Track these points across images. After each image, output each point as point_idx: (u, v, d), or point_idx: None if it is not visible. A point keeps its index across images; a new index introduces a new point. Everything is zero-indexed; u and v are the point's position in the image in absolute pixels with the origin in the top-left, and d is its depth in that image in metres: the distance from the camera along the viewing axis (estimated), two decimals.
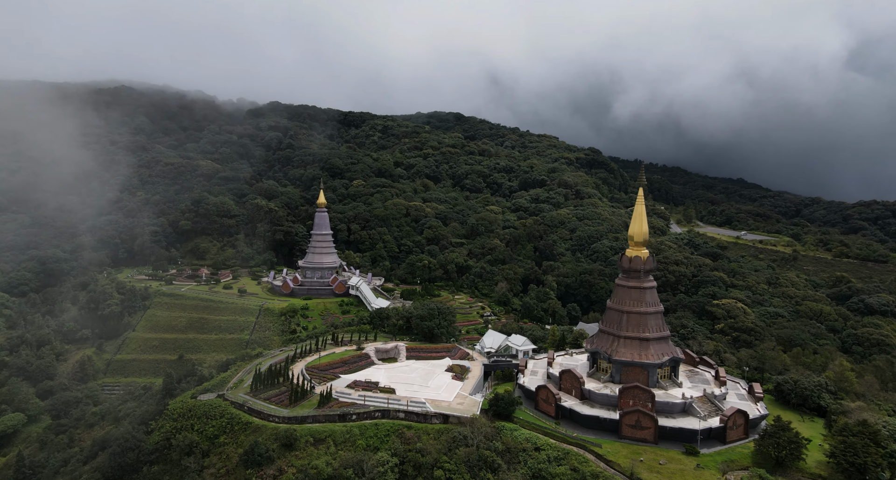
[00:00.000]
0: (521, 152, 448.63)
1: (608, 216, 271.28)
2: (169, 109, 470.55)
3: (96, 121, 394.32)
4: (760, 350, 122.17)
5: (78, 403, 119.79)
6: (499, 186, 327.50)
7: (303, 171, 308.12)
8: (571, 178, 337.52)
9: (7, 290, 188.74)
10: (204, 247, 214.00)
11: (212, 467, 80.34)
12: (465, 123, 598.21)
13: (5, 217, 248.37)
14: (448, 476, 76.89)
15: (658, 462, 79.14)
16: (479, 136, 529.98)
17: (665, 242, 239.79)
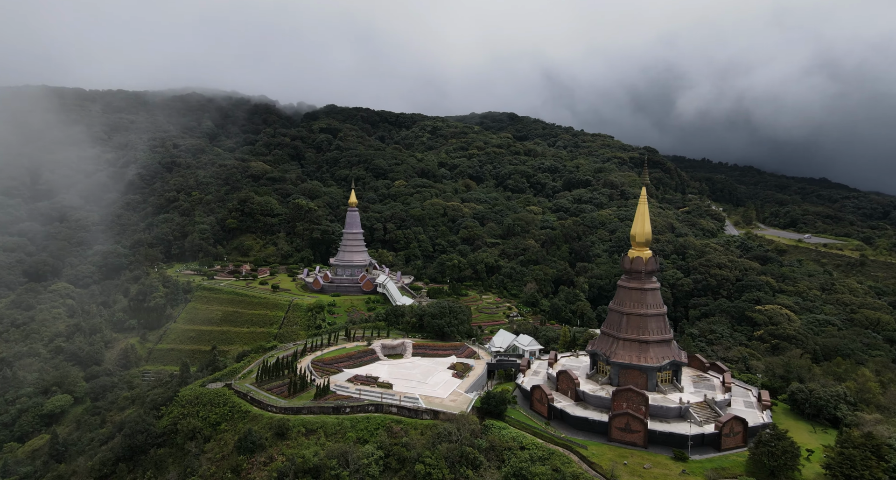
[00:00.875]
0: (571, 152, 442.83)
1: (653, 217, 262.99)
2: (232, 114, 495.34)
3: (167, 126, 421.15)
4: (786, 358, 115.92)
5: (113, 387, 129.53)
6: (542, 186, 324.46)
7: (348, 171, 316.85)
8: (618, 178, 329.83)
9: (73, 282, 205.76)
10: (248, 244, 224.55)
11: (210, 452, 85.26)
12: (518, 124, 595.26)
13: (79, 215, 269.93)
14: (427, 470, 78.14)
15: (643, 465, 77.42)
16: (531, 136, 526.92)
17: (710, 244, 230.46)
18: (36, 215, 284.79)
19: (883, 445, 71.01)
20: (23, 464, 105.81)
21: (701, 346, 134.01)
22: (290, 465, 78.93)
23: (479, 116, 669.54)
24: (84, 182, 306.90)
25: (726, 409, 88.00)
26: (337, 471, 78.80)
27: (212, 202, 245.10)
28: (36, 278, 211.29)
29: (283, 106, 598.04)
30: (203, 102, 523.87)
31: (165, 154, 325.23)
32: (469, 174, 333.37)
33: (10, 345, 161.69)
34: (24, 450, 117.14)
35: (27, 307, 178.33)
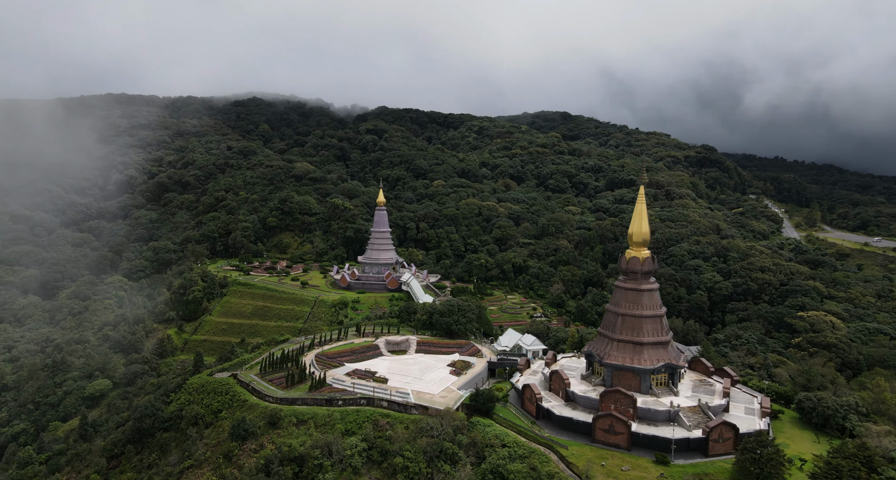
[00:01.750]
0: (623, 151, 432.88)
1: (697, 219, 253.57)
2: (287, 117, 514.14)
3: (225, 129, 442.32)
4: (808, 365, 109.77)
5: (143, 374, 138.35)
6: (584, 186, 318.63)
7: (390, 171, 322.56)
8: (666, 177, 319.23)
9: (127, 275, 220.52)
10: (286, 242, 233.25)
11: (208, 437, 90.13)
12: (571, 123, 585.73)
13: (139, 213, 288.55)
14: (405, 463, 79.58)
15: (621, 467, 76.08)
16: (583, 135, 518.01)
17: (757, 246, 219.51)
18: (104, 213, 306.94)
19: (876, 456, 66.87)
20: (57, 442, 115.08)
21: (724, 352, 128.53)
22: (277, 453, 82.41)
23: (532, 116, 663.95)
24: (147, 183, 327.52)
25: (721, 414, 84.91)
26: (320, 461, 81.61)
27: (255, 202, 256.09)
28: (96, 271, 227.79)
29: (337, 108, 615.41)
30: (262, 106, 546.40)
31: (220, 156, 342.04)
32: (510, 174, 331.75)
33: (64, 332, 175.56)
34: (63, 429, 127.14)
35: (84, 297, 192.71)
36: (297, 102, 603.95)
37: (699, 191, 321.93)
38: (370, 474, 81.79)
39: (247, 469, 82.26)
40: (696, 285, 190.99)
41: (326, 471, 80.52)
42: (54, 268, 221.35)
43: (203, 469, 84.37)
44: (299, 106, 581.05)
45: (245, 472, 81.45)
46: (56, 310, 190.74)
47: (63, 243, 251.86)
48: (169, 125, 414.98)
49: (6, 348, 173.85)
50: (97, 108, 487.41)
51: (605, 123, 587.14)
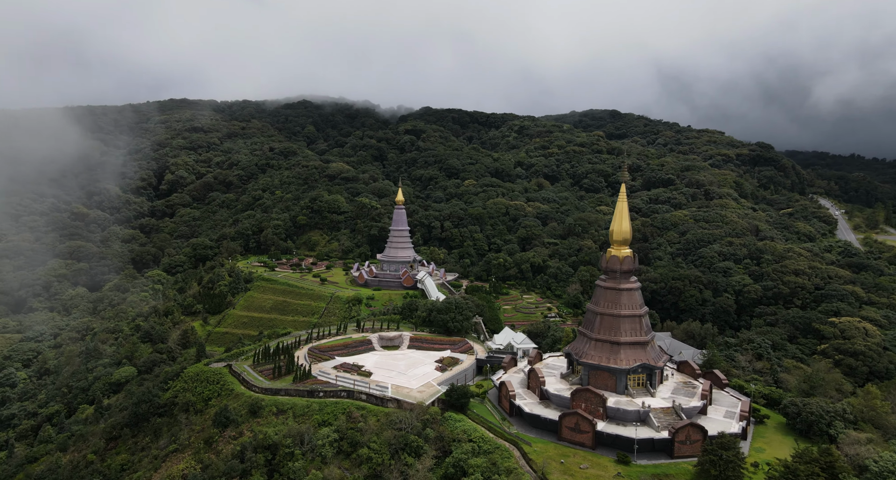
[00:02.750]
0: (671, 149, 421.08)
1: (735, 219, 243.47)
2: (333, 118, 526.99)
3: (272, 131, 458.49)
4: (813, 371, 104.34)
5: (161, 362, 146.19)
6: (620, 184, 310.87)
7: (424, 171, 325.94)
8: (707, 177, 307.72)
9: (167, 270, 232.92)
10: (314, 239, 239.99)
11: (195, 424, 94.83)
12: (619, 121, 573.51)
13: (184, 212, 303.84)
14: (369, 454, 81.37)
15: (580, 466, 75.24)
16: (630, 133, 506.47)
17: (795, 249, 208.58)
18: (155, 211, 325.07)
19: (839, 462, 63.50)
20: (77, 423, 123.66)
21: (732, 355, 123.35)
22: (252, 440, 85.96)
23: (580, 114, 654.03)
24: (195, 183, 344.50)
25: (697, 417, 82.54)
26: (291, 449, 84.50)
27: (289, 200, 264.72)
28: (140, 266, 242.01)
29: (383, 110, 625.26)
30: (310, 109, 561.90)
31: (262, 156, 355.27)
32: (545, 174, 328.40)
33: (103, 322, 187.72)
34: (88, 412, 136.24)
35: (123, 289, 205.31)
36: (345, 104, 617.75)
37: (743, 191, 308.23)
38: (339, 464, 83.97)
39: (224, 454, 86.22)
40: (724, 287, 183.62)
41: (297, 460, 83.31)
42: (102, 262, 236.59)
43: (185, 454, 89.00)
44: (346, 108, 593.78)
45: (221, 458, 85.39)
46: (98, 301, 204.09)
47: (114, 238, 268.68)
48: (220, 128, 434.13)
49: (53, 335, 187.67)
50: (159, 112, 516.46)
51: (657, 120, 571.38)
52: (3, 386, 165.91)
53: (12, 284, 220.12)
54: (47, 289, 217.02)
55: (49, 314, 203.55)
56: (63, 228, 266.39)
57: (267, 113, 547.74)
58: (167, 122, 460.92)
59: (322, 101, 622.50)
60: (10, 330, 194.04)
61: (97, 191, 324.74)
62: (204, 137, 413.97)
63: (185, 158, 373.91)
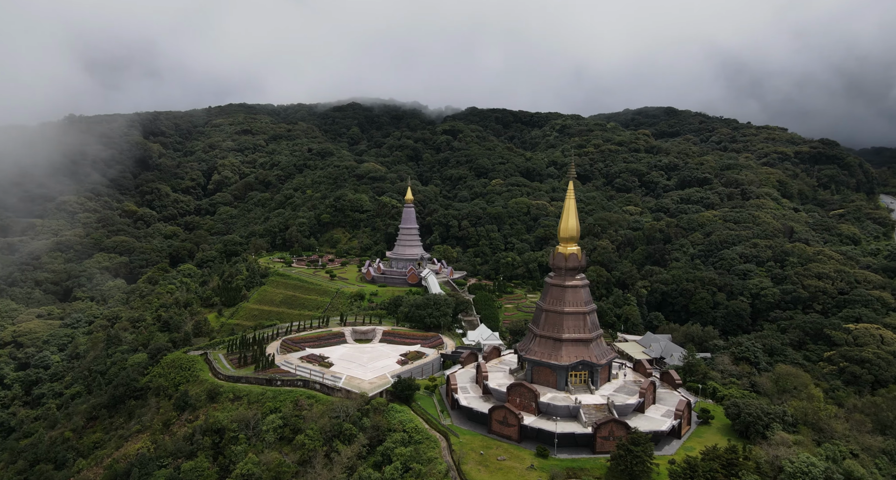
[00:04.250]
0: (723, 147, 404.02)
1: (768, 220, 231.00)
2: (378, 120, 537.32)
3: (315, 132, 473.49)
4: (776, 375, 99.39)
5: (166, 350, 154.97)
6: (654, 184, 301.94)
7: (455, 171, 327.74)
8: (749, 176, 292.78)
9: (199, 264, 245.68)
10: (336, 237, 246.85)
11: (162, 407, 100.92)
12: (673, 119, 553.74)
13: (223, 210, 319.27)
14: (304, 440, 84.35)
15: (498, 457, 75.52)
16: (683, 131, 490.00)
17: (825, 251, 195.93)
18: (200, 210, 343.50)
19: (741, 462, 61.83)
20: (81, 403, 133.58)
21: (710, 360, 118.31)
22: (204, 424, 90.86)
23: (633, 113, 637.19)
24: (237, 183, 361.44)
25: (632, 414, 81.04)
26: (236, 433, 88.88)
27: (316, 199, 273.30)
28: (175, 260, 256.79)
29: (430, 110, 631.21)
30: (358, 111, 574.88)
31: (300, 157, 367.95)
32: (577, 173, 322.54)
33: (131, 311, 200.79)
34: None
35: (153, 281, 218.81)
36: (393, 106, 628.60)
37: (787, 190, 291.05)
38: (280, 448, 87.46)
39: (178, 436, 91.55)
40: (739, 290, 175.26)
41: (240, 443, 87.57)
42: (142, 256, 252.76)
43: (145, 434, 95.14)
44: (394, 109, 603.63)
45: (175, 439, 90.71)
46: (131, 292, 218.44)
47: (156, 234, 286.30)
48: (267, 130, 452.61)
49: (87, 322, 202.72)
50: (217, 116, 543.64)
51: (715, 117, 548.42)
52: (38, 368, 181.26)
53: (61, 275, 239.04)
54: (90, 280, 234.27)
55: (88, 303, 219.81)
56: (112, 224, 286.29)
57: (317, 115, 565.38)
58: (221, 125, 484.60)
59: (372, 103, 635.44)
60: (53, 317, 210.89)
61: (150, 190, 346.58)
62: (251, 139, 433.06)
63: (231, 160, 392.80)
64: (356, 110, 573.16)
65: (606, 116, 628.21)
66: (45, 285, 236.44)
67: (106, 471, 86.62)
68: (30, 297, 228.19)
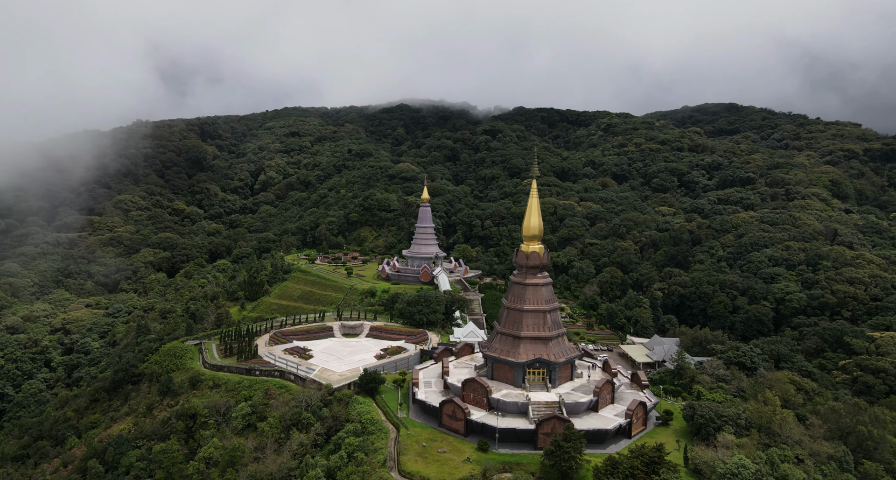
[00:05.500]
0: (784, 145, 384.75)
1: (809, 222, 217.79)
2: (424, 121, 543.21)
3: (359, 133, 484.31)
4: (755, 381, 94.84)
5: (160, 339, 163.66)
6: (694, 184, 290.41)
7: (489, 170, 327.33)
8: (798, 175, 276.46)
9: (235, 260, 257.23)
10: (363, 235, 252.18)
11: (150, 392, 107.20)
12: (735, 115, 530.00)
13: (263, 209, 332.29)
14: (264, 427, 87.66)
15: (438, 450, 76.34)
16: (743, 128, 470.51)
17: (866, 255, 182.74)
18: (244, 208, 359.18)
19: (662, 460, 61.08)
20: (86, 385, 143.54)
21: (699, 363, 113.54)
22: (181, 409, 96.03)
23: (691, 110, 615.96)
24: (280, 182, 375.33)
25: (585, 413, 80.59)
26: (207, 418, 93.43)
27: (347, 198, 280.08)
28: (214, 256, 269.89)
29: (479, 111, 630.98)
30: (406, 112, 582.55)
31: (340, 158, 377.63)
32: (613, 173, 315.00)
33: (165, 303, 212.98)
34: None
35: (188, 275, 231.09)
36: (442, 107, 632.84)
37: (840, 190, 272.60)
38: (246, 434, 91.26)
39: (158, 420, 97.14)
40: (763, 294, 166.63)
41: (210, 428, 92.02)
42: (183, 251, 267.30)
43: (130, 417, 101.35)
44: (441, 110, 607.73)
45: (154, 422, 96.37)
46: (169, 285, 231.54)
47: (200, 231, 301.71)
48: (313, 132, 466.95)
49: (127, 312, 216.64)
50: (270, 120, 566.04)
51: (780, 113, 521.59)
52: (80, 353, 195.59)
53: (111, 268, 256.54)
54: (135, 273, 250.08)
55: (132, 295, 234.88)
56: (160, 221, 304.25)
57: (365, 117, 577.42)
58: (272, 128, 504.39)
59: (420, 104, 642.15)
60: (100, 307, 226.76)
61: (200, 190, 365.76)
62: (297, 140, 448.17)
63: (278, 160, 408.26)
64: (403, 112, 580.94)
65: (662, 113, 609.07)
66: (96, 277, 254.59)
67: (87, 450, 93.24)
68: (82, 288, 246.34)
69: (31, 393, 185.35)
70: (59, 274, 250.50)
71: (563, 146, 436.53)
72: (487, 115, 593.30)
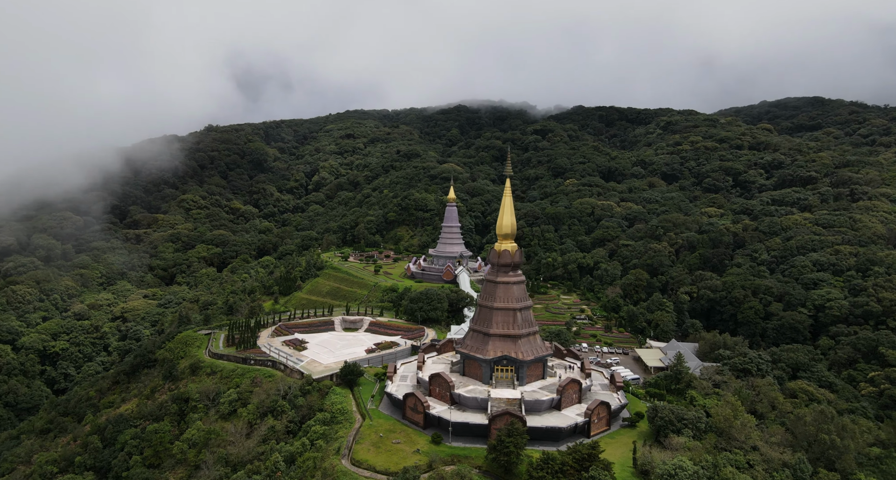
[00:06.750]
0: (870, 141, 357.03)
1: (871, 224, 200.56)
2: (479, 121, 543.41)
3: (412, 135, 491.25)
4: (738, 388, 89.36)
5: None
6: (749, 184, 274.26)
7: (533, 171, 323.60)
8: (870, 174, 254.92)
9: (279, 257, 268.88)
10: (400, 234, 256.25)
11: (157, 376, 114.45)
12: (818, 109, 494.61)
13: (312, 208, 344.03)
14: (243, 413, 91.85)
15: (392, 441, 77.61)
16: (825, 123, 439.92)
17: None
18: (297, 207, 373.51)
19: (594, 458, 60.89)
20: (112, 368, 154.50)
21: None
22: (177, 393, 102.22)
23: (769, 105, 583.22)
24: (331, 183, 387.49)
25: (547, 410, 79.86)
26: (197, 402, 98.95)
27: (388, 198, 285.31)
28: (262, 253, 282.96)
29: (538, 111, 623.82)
30: (463, 113, 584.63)
31: (388, 159, 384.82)
32: (663, 173, 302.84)
33: (210, 295, 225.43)
34: None
35: (234, 270, 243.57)
36: (500, 108, 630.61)
37: None
38: (231, 419, 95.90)
39: (157, 402, 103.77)
40: (800, 301, 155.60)
41: (199, 412, 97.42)
42: (233, 248, 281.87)
43: (136, 399, 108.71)
44: (499, 111, 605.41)
45: (153, 404, 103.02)
46: (216, 279, 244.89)
47: (252, 230, 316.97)
48: (367, 134, 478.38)
49: (177, 303, 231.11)
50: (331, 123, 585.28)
51: (874, 107, 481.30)
52: (132, 339, 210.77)
53: (169, 262, 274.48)
54: (189, 267, 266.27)
55: (183, 287, 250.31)
56: (217, 219, 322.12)
57: (422, 119, 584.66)
58: (331, 130, 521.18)
59: (479, 105, 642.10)
60: (155, 298, 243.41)
61: (257, 190, 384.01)
62: (352, 142, 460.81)
63: (332, 162, 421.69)
64: (460, 113, 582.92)
65: (736, 110, 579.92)
66: (156, 270, 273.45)
67: (90, 426, 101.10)
68: (142, 280, 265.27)
69: (88, 374, 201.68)
70: (123, 267, 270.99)
71: (618, 146, 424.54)
72: (546, 114, 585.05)
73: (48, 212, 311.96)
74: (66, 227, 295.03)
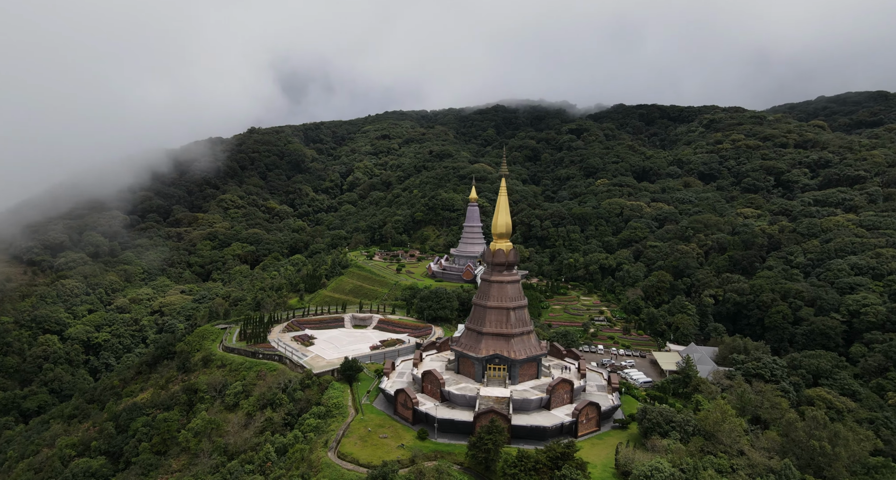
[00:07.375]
0: None
1: None
2: (515, 121, 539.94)
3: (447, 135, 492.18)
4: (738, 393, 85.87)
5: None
6: (793, 183, 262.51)
7: (565, 170, 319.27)
8: None
9: (310, 255, 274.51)
10: (426, 234, 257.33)
11: (173, 368, 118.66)
12: (881, 104, 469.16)
13: (344, 207, 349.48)
14: (244, 405, 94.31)
15: (380, 435, 78.39)
16: (888, 119, 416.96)
17: None
18: (331, 207, 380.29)
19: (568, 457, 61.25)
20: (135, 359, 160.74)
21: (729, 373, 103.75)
22: (187, 385, 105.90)
23: (827, 100, 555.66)
24: (365, 183, 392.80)
25: (537, 410, 79.47)
26: (205, 393, 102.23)
27: (416, 198, 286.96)
28: (294, 250, 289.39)
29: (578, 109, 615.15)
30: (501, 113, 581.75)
31: (421, 159, 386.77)
32: (700, 172, 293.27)
33: (240, 292, 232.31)
34: None
35: (264, 267, 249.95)
36: (540, 107, 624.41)
37: None
38: (235, 410, 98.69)
39: (170, 392, 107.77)
40: (833, 306, 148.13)
41: (205, 402, 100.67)
42: (266, 246, 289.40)
43: (151, 389, 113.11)
44: (538, 110, 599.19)
45: (166, 394, 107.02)
46: (248, 276, 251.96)
47: (286, 228, 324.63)
48: (402, 134, 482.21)
49: (210, 298, 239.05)
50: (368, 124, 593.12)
51: None
52: (167, 333, 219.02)
53: (206, 259, 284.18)
54: (224, 264, 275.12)
55: (217, 284, 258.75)
56: (252, 218, 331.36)
57: (459, 119, 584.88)
58: (368, 131, 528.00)
59: (517, 105, 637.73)
60: (191, 293, 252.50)
61: (293, 190, 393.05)
62: (387, 143, 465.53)
63: (366, 162, 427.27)
64: (497, 112, 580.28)
65: (791, 106, 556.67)
66: (194, 267, 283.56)
67: (108, 413, 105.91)
68: (181, 276, 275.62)
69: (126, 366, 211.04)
70: (164, 263, 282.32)
71: (657, 145, 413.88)
72: (585, 114, 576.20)
73: (99, 211, 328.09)
74: (114, 225, 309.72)
